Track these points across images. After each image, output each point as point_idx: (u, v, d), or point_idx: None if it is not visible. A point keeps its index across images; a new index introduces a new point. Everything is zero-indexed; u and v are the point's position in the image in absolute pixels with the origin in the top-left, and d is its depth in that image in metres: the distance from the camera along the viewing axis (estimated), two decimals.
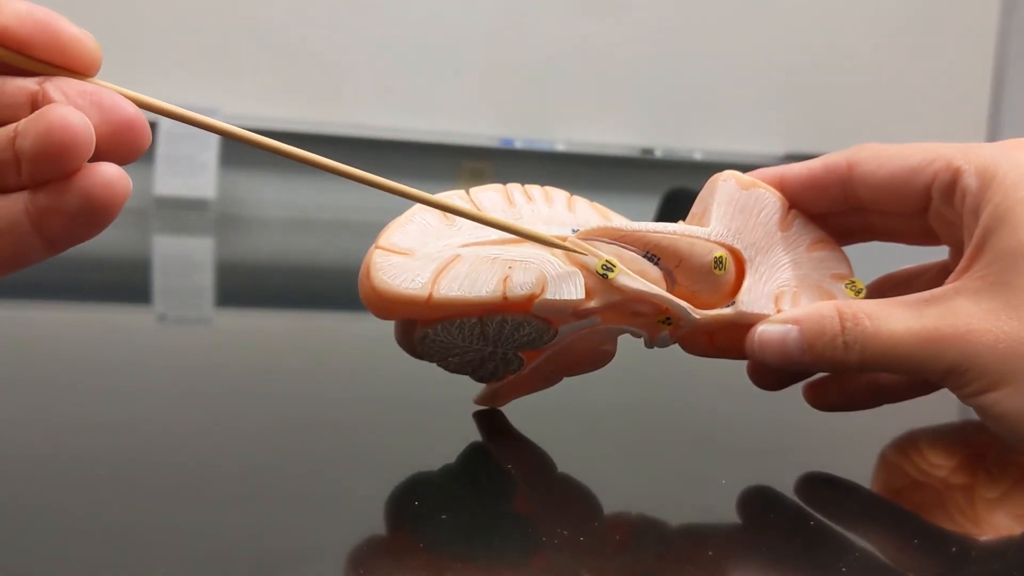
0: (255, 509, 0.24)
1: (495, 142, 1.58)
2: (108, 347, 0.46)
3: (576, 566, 0.21)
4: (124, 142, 0.22)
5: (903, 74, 1.73)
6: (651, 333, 0.29)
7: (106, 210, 0.22)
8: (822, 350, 0.27)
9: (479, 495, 0.26)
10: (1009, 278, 0.25)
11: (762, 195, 0.30)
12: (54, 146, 0.21)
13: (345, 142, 1.49)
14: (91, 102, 0.22)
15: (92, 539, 0.22)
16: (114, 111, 0.22)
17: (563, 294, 0.26)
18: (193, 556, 0.21)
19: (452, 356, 0.28)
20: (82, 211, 0.21)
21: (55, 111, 0.21)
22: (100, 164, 0.22)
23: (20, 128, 0.21)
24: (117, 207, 0.22)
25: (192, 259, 0.92)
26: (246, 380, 0.39)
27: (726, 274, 0.29)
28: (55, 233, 0.22)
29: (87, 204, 0.21)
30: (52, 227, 0.22)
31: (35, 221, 0.21)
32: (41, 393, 0.34)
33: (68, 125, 0.21)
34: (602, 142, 1.63)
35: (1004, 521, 0.28)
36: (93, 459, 0.27)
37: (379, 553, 0.22)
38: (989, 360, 0.24)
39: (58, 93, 0.22)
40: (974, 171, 0.27)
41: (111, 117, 0.22)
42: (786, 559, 0.23)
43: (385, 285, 0.26)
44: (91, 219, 0.22)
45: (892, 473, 0.32)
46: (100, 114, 0.22)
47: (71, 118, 0.21)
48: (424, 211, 0.28)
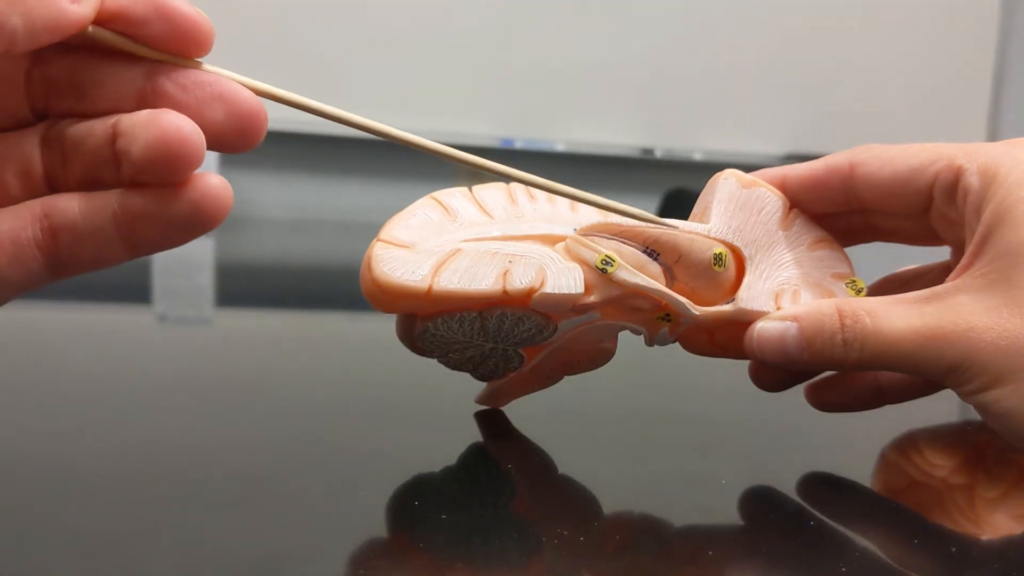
0: (255, 510, 0.24)
1: (495, 142, 1.58)
2: (108, 347, 0.46)
3: (576, 566, 0.21)
4: (244, 134, 0.21)
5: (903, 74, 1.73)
6: (651, 330, 0.29)
7: (210, 221, 0.21)
8: (821, 347, 0.27)
9: (479, 496, 0.26)
10: (1011, 275, 0.25)
11: (763, 194, 0.30)
12: (166, 155, 0.20)
13: (345, 142, 1.49)
14: (211, 94, 0.21)
15: (92, 539, 0.22)
16: (236, 103, 0.21)
17: (562, 288, 0.26)
18: (193, 557, 0.21)
19: (453, 352, 0.28)
20: (185, 221, 0.21)
21: (168, 118, 0.20)
22: (206, 175, 0.21)
23: (125, 128, 0.20)
24: (221, 218, 0.21)
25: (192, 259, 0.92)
26: (246, 380, 0.39)
27: (726, 271, 0.29)
28: (145, 239, 0.21)
29: (192, 214, 0.21)
30: (144, 233, 0.21)
31: (123, 225, 0.21)
32: (40, 393, 0.34)
33: (182, 135, 0.20)
34: (602, 142, 1.63)
35: (1004, 521, 0.28)
36: (93, 459, 0.27)
37: (379, 554, 0.22)
38: (990, 358, 0.24)
39: (173, 85, 0.21)
40: (976, 170, 0.27)
41: (234, 109, 0.21)
42: (786, 559, 0.23)
43: (385, 277, 0.26)
44: (192, 229, 0.21)
45: (892, 473, 0.32)
46: (223, 106, 0.21)
47: (185, 127, 0.20)
48: (426, 205, 0.28)
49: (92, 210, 0.21)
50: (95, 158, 0.21)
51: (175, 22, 0.21)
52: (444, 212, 0.28)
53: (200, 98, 0.21)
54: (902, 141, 0.30)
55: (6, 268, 0.20)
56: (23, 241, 0.21)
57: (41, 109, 0.22)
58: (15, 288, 0.21)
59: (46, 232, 0.21)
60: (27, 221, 0.21)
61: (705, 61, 1.65)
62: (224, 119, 0.21)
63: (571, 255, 0.27)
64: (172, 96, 0.21)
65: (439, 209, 0.28)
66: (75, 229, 0.21)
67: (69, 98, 0.21)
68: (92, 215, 0.21)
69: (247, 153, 0.22)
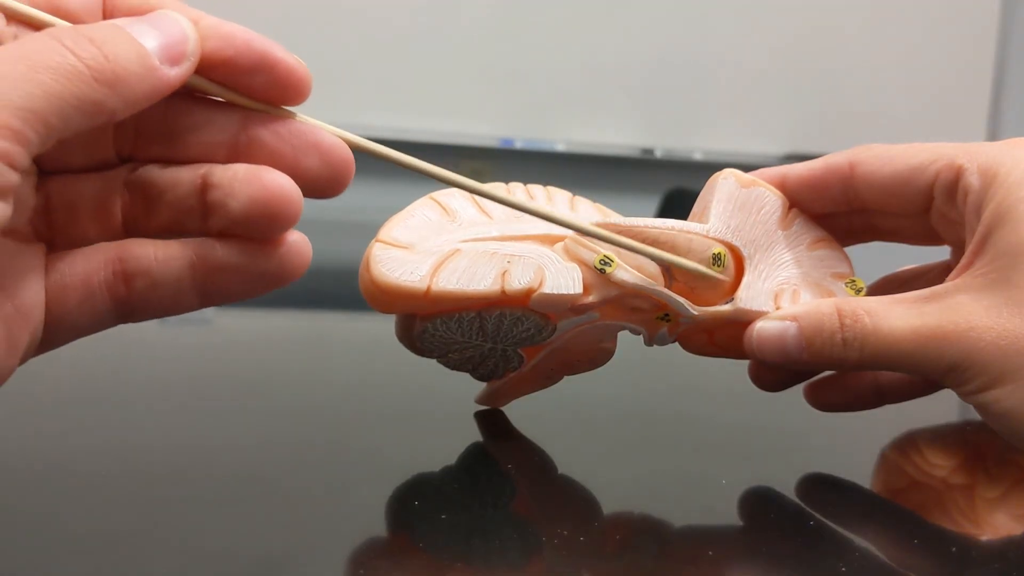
0: (255, 510, 0.24)
1: (495, 142, 1.58)
2: (108, 347, 0.46)
3: (576, 566, 0.21)
4: (335, 182, 0.21)
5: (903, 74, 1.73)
6: (650, 330, 0.29)
7: (292, 275, 0.21)
8: (821, 347, 0.27)
9: (479, 495, 0.26)
10: (1011, 275, 0.25)
11: (762, 193, 0.30)
12: (267, 213, 0.20)
13: None
14: (307, 143, 0.21)
15: (92, 539, 0.22)
16: (330, 153, 0.21)
17: (561, 288, 0.26)
18: (194, 557, 0.21)
19: (452, 352, 0.28)
20: (270, 275, 0.21)
21: (270, 176, 0.20)
22: (291, 232, 0.21)
23: (221, 181, 0.20)
24: (302, 272, 0.21)
25: None
26: (246, 380, 0.39)
27: (725, 271, 0.29)
28: (222, 290, 0.21)
29: (277, 269, 0.21)
30: (222, 285, 0.21)
31: (200, 275, 0.21)
32: (40, 393, 0.34)
33: (285, 193, 0.20)
34: (602, 142, 1.63)
35: (1004, 521, 0.28)
36: (93, 459, 0.27)
37: (379, 553, 0.22)
38: (991, 357, 0.24)
39: (268, 133, 0.21)
40: (976, 169, 0.27)
41: (328, 159, 0.21)
42: (786, 559, 0.23)
43: (384, 277, 0.26)
44: (274, 283, 0.21)
45: (892, 473, 0.32)
46: (318, 155, 0.21)
47: (287, 186, 0.20)
48: (425, 206, 0.28)
49: (169, 258, 0.21)
50: (182, 207, 0.21)
51: (277, 72, 0.21)
52: (443, 212, 0.28)
53: (297, 147, 0.21)
54: (902, 141, 0.30)
55: (75, 310, 0.20)
56: (94, 284, 0.20)
57: (128, 153, 0.22)
58: (81, 330, 0.21)
59: (119, 276, 0.20)
60: (100, 265, 0.20)
61: (705, 61, 1.65)
62: (319, 168, 0.21)
63: (570, 255, 0.27)
64: (268, 144, 0.21)
65: (438, 209, 0.28)
66: (150, 276, 0.21)
67: (158, 144, 0.21)
68: (169, 263, 0.21)
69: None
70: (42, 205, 0.21)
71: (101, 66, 0.18)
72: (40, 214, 0.21)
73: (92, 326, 0.21)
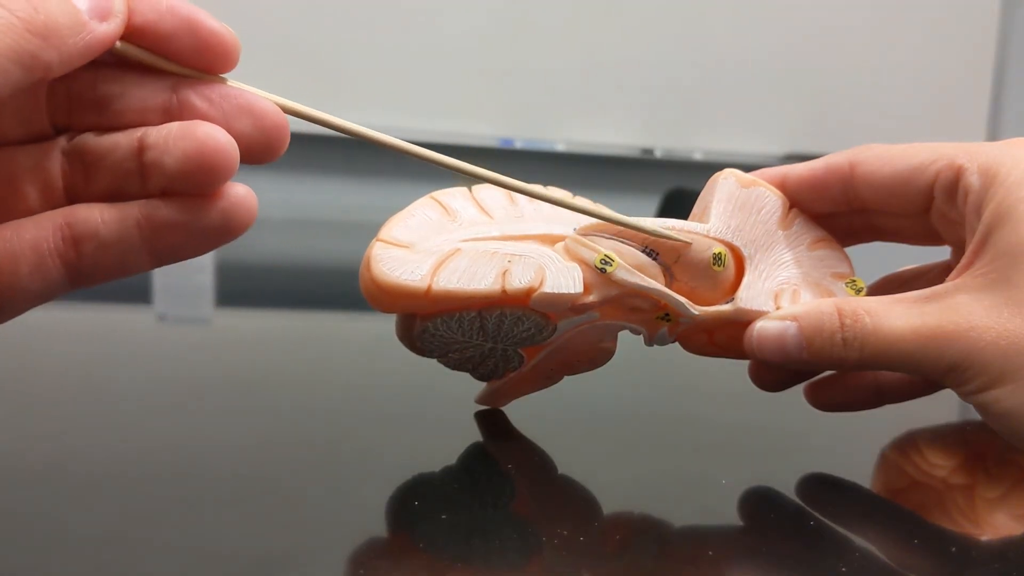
0: (255, 510, 0.24)
1: (495, 142, 1.58)
2: (108, 347, 0.46)
3: (576, 566, 0.21)
4: (269, 146, 0.22)
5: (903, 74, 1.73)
6: (650, 330, 0.29)
7: (238, 229, 0.21)
8: (821, 346, 0.27)
9: (479, 495, 0.26)
10: (1011, 275, 0.25)
11: (762, 193, 0.30)
12: (202, 166, 0.20)
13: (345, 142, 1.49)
14: (238, 106, 0.21)
15: (92, 539, 0.22)
16: (263, 116, 0.21)
17: (561, 288, 0.26)
18: (193, 556, 0.21)
19: (452, 352, 0.28)
20: (214, 229, 0.21)
21: (203, 129, 0.20)
22: (233, 184, 0.21)
23: (156, 140, 0.21)
24: (247, 225, 0.21)
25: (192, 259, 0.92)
26: (246, 380, 0.39)
27: (725, 271, 0.29)
28: (170, 248, 0.21)
29: (221, 223, 0.21)
30: (170, 242, 0.21)
31: (148, 234, 0.21)
32: (40, 393, 0.34)
33: (219, 145, 0.20)
34: (602, 142, 1.63)
35: (1004, 521, 0.28)
36: (93, 459, 0.27)
37: (379, 554, 0.22)
38: (991, 357, 0.24)
39: (199, 98, 0.21)
40: (977, 169, 0.27)
41: (260, 122, 0.21)
42: (786, 559, 0.23)
43: (384, 277, 0.26)
44: (220, 237, 0.21)
45: (892, 473, 0.32)
46: (250, 119, 0.21)
47: (221, 138, 0.20)
48: (425, 205, 0.28)
49: (116, 220, 0.21)
50: (120, 170, 0.21)
51: (202, 37, 0.21)
52: (443, 212, 0.28)
53: (227, 111, 0.21)
54: (902, 141, 0.30)
55: (27, 277, 0.21)
56: (44, 250, 0.21)
57: (63, 123, 0.22)
58: (35, 297, 0.21)
59: (68, 242, 0.21)
60: (48, 231, 0.21)
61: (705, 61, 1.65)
62: (251, 132, 0.21)
63: (570, 255, 0.27)
64: (199, 109, 0.21)
65: (438, 209, 0.28)
66: (98, 238, 0.21)
67: (92, 112, 0.22)
68: (116, 224, 0.21)
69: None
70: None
71: (32, 18, 0.18)
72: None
73: (45, 293, 0.21)
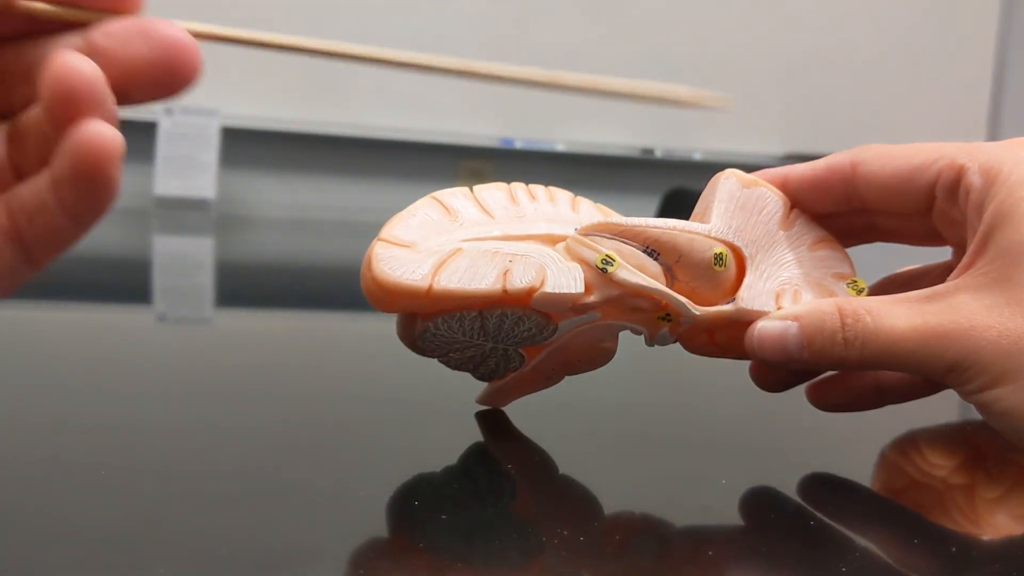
0: (256, 510, 0.24)
1: (495, 142, 1.58)
2: (108, 347, 0.46)
3: (576, 566, 0.21)
4: (173, 68, 0.20)
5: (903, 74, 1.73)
6: (651, 330, 0.29)
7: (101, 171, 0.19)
8: (822, 346, 0.27)
9: (480, 496, 0.26)
10: (1012, 274, 0.25)
11: (763, 193, 0.30)
12: (59, 97, 0.19)
13: (345, 142, 1.49)
14: (136, 31, 0.20)
15: (92, 540, 0.22)
16: (158, 36, 0.20)
17: (562, 288, 0.26)
18: (194, 556, 0.21)
19: (453, 352, 0.28)
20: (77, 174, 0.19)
21: (58, 57, 0.19)
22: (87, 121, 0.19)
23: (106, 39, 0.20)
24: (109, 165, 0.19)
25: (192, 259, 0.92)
26: (246, 380, 0.39)
27: (726, 271, 0.29)
28: (71, 205, 0.20)
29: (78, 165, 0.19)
30: (66, 198, 0.20)
31: (57, 196, 0.20)
32: (40, 393, 0.34)
33: (72, 71, 0.19)
34: (602, 142, 1.63)
35: (1004, 521, 0.28)
36: (93, 459, 0.27)
37: (380, 554, 0.22)
38: (992, 356, 0.24)
39: (102, 36, 0.20)
40: (978, 169, 0.27)
41: (157, 43, 0.20)
42: (786, 559, 0.23)
43: (385, 276, 0.26)
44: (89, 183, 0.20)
45: (892, 473, 0.32)
46: (145, 41, 0.20)
47: (75, 63, 0.19)
48: (427, 205, 0.28)
49: (34, 188, 0.20)
50: (45, 138, 0.20)
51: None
52: (445, 212, 0.28)
53: (122, 39, 0.20)
54: (903, 141, 0.30)
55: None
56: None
57: (6, 108, 0.21)
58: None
59: (9, 218, 0.20)
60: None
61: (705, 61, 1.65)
62: (149, 53, 0.20)
63: (571, 255, 0.27)
64: (100, 47, 0.20)
65: (440, 209, 0.28)
66: (25, 208, 0.20)
67: (23, 86, 0.21)
68: (35, 192, 0.20)
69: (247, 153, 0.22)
70: None
71: None
72: None
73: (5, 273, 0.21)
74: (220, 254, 1.01)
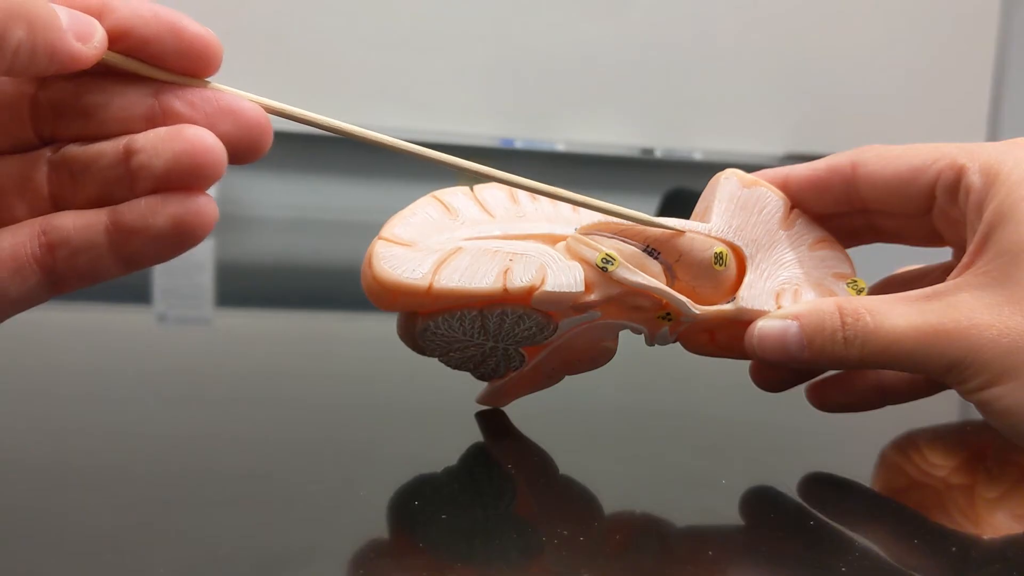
0: (256, 510, 0.24)
1: (495, 142, 1.58)
2: (108, 347, 0.46)
3: (576, 566, 0.21)
4: (251, 146, 0.22)
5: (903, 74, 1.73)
6: (651, 329, 0.29)
7: (198, 235, 0.21)
8: (822, 345, 0.27)
9: (480, 496, 0.26)
10: (1012, 273, 0.25)
11: (764, 193, 0.30)
12: (192, 167, 0.21)
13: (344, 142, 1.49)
14: (219, 108, 0.21)
15: (92, 540, 0.22)
16: (243, 115, 0.22)
17: (563, 287, 0.26)
18: (194, 557, 0.21)
19: (453, 351, 0.28)
20: (174, 235, 0.21)
21: (191, 131, 0.21)
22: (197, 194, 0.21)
23: (144, 145, 0.21)
24: (205, 234, 0.21)
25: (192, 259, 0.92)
26: (246, 380, 0.39)
27: (726, 270, 0.29)
28: (135, 253, 0.21)
29: (175, 230, 0.21)
30: (134, 247, 0.21)
31: (115, 239, 0.21)
32: (40, 394, 0.34)
33: (207, 145, 0.21)
34: (602, 142, 1.63)
35: (1004, 521, 0.28)
36: (92, 459, 0.27)
37: (380, 554, 0.22)
38: (992, 355, 0.24)
39: (181, 103, 0.21)
40: (978, 168, 0.27)
41: (241, 122, 0.22)
42: (786, 559, 0.23)
43: (386, 274, 0.26)
44: (183, 244, 0.21)
45: (892, 473, 0.32)
46: (232, 119, 0.21)
47: (208, 138, 0.21)
48: (427, 204, 0.28)
49: (85, 226, 0.21)
50: (107, 178, 0.21)
51: (186, 41, 0.21)
52: (445, 211, 0.28)
53: (209, 113, 0.21)
54: (902, 141, 0.30)
55: (7, 282, 0.21)
56: (23, 257, 0.21)
57: (48, 134, 0.22)
58: (16, 303, 0.21)
59: (44, 248, 0.21)
60: (26, 238, 0.21)
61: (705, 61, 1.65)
62: (232, 131, 0.21)
63: (572, 254, 0.27)
64: (182, 114, 0.21)
65: (440, 208, 0.28)
66: (70, 244, 0.21)
67: (77, 122, 0.22)
68: (85, 230, 0.21)
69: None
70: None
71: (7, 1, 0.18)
72: None
73: (26, 298, 0.21)
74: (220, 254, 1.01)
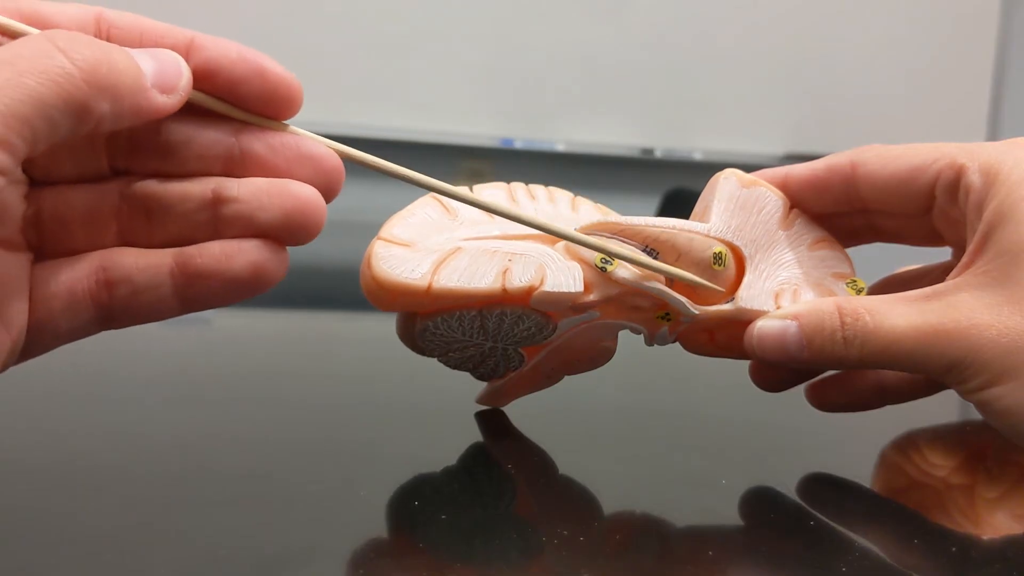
0: (256, 510, 0.24)
1: (495, 142, 1.58)
2: (107, 347, 0.46)
3: (576, 566, 0.21)
4: (327, 191, 0.22)
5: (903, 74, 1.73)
6: (650, 329, 0.29)
7: (269, 283, 0.21)
8: (821, 345, 0.27)
9: (480, 496, 0.26)
10: (1012, 272, 0.25)
11: (763, 193, 0.30)
12: (302, 223, 0.21)
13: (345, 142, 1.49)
14: (299, 155, 0.22)
15: (92, 540, 0.22)
16: (321, 162, 0.22)
17: (562, 287, 0.26)
18: (194, 557, 0.21)
19: (453, 351, 0.28)
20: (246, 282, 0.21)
21: (301, 189, 0.21)
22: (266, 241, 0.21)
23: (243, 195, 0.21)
24: (278, 280, 0.22)
25: None
26: (246, 381, 0.39)
27: (725, 270, 0.29)
28: (200, 296, 0.21)
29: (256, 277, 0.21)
30: (200, 291, 0.21)
31: (180, 282, 0.21)
32: (40, 394, 0.34)
33: (316, 204, 0.21)
34: (602, 142, 1.63)
35: (1004, 521, 0.28)
36: (92, 459, 0.27)
37: (380, 554, 0.22)
38: (992, 355, 0.24)
39: (262, 146, 0.22)
40: (978, 168, 0.27)
41: (320, 168, 0.22)
42: (786, 559, 0.23)
43: (385, 275, 0.26)
44: (251, 291, 0.21)
45: (892, 473, 0.32)
46: (311, 166, 0.22)
47: (314, 197, 0.21)
48: (426, 204, 0.28)
49: (150, 266, 0.21)
50: (191, 221, 0.21)
51: (270, 83, 0.21)
52: (444, 211, 0.28)
53: (290, 159, 0.22)
54: (902, 141, 0.30)
55: (59, 317, 0.21)
56: (79, 292, 0.21)
57: (122, 166, 0.22)
58: (64, 336, 0.21)
59: (102, 284, 0.21)
60: (84, 273, 0.21)
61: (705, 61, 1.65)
62: (311, 179, 0.22)
63: (571, 254, 0.27)
64: (262, 157, 0.22)
65: (439, 208, 0.28)
66: (131, 283, 0.21)
67: (154, 157, 0.22)
68: (150, 271, 0.21)
69: None
70: (32, 215, 0.21)
71: (93, 68, 0.18)
72: (30, 224, 0.21)
73: (74, 333, 0.21)
74: None
